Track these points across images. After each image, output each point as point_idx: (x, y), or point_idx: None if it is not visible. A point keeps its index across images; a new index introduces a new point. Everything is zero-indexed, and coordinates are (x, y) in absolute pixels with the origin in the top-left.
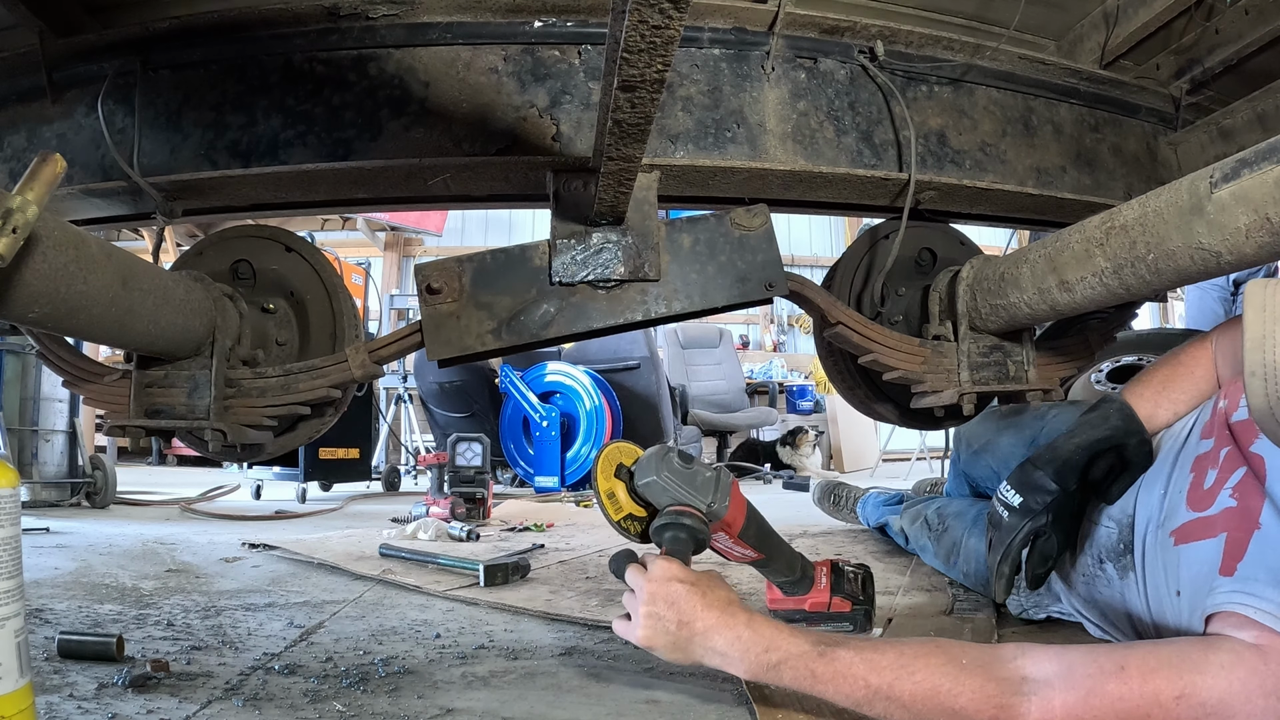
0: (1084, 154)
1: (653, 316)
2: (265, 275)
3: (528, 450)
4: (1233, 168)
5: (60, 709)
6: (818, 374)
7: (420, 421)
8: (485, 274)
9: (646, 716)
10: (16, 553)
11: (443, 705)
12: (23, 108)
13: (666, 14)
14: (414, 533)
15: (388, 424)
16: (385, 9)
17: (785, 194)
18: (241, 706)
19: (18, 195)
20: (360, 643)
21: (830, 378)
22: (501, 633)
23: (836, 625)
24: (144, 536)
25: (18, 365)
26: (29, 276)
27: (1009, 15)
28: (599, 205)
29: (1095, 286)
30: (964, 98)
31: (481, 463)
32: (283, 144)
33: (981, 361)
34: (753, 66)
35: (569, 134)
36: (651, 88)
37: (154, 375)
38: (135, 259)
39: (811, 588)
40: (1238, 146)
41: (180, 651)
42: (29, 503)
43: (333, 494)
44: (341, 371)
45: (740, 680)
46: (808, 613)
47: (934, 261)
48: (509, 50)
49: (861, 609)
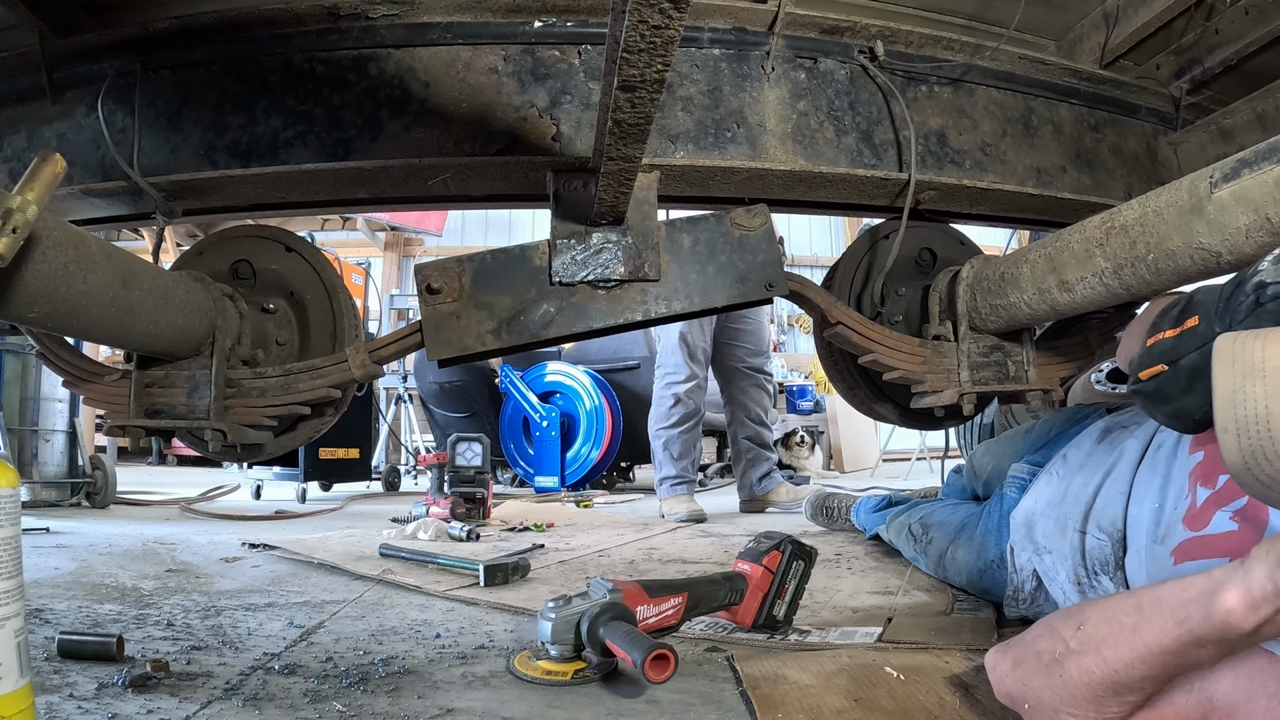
0: (1084, 154)
1: (653, 316)
2: (265, 275)
3: (528, 450)
4: (1233, 168)
5: (60, 709)
6: (818, 374)
7: (420, 421)
8: (485, 274)
9: (646, 716)
10: (16, 553)
11: (443, 705)
12: (23, 108)
13: (666, 14)
14: (414, 533)
15: (388, 424)
16: (385, 9)
17: (785, 194)
18: (241, 706)
19: (18, 195)
20: (360, 643)
21: (830, 378)
22: (501, 633)
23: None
24: (144, 536)
25: (18, 365)
26: (29, 276)
27: (1009, 15)
28: (599, 205)
29: (1095, 286)
30: (964, 98)
31: (481, 463)
32: (283, 144)
33: (981, 361)
34: (753, 66)
35: (569, 134)
36: (651, 88)
37: (154, 375)
38: (135, 259)
39: (745, 579)
40: (1238, 146)
41: (180, 651)
42: (29, 503)
43: (333, 494)
44: (341, 371)
45: (740, 680)
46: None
47: (934, 261)
48: (509, 50)
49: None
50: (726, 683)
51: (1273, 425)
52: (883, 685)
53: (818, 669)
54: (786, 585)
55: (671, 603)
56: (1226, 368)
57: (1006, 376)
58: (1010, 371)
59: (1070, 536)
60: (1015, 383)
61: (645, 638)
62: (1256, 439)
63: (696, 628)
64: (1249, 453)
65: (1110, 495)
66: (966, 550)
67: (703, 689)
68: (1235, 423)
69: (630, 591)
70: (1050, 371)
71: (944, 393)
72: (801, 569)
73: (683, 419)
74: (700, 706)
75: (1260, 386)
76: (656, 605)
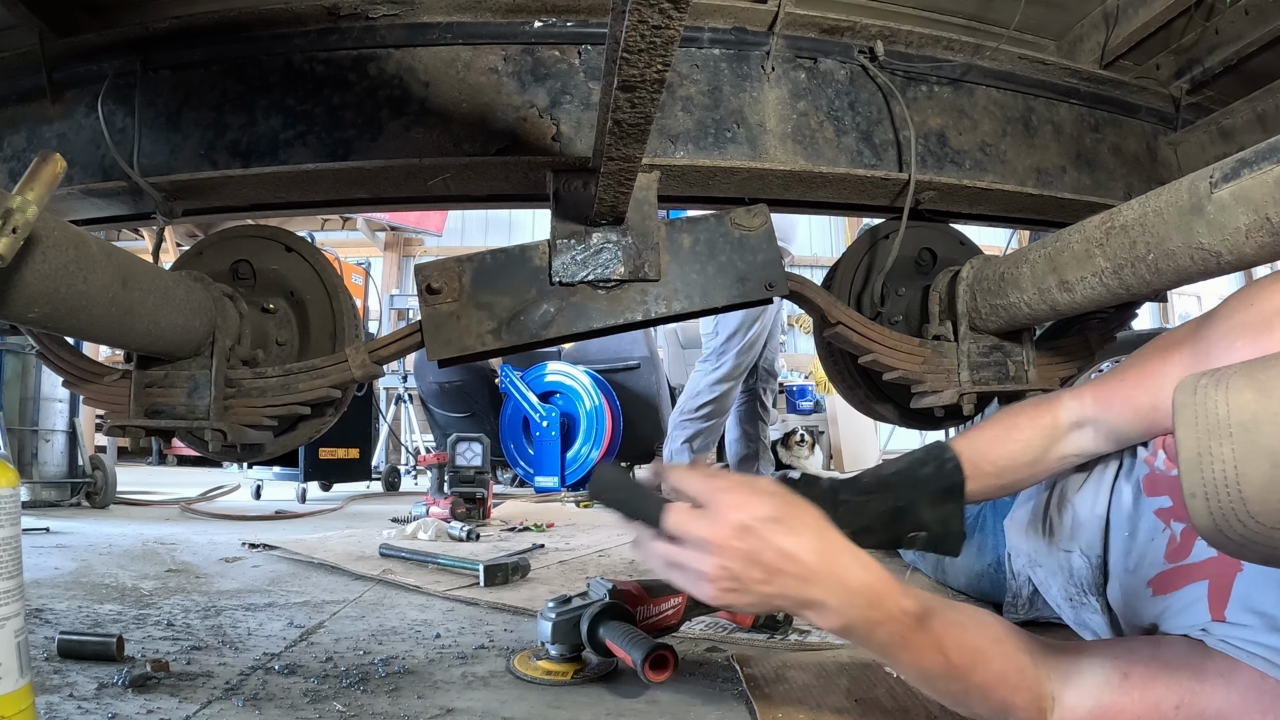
0: (1084, 154)
1: (653, 316)
2: (265, 275)
3: (528, 450)
4: (1233, 168)
5: (60, 709)
6: (818, 374)
7: (420, 421)
8: (485, 274)
9: (646, 716)
10: (16, 553)
11: (443, 705)
12: (23, 108)
13: (666, 14)
14: (414, 533)
15: (388, 424)
16: (385, 9)
17: (785, 194)
18: (241, 706)
19: (18, 195)
20: (360, 643)
21: (830, 378)
22: (501, 633)
23: None
24: (144, 536)
25: (18, 365)
26: (29, 276)
27: (1009, 15)
28: (599, 205)
29: (1095, 286)
30: (964, 98)
31: (481, 463)
32: (283, 144)
33: (981, 361)
34: (753, 66)
35: (569, 134)
36: (651, 88)
37: (154, 375)
38: (135, 259)
39: None
40: (1238, 146)
41: (180, 651)
42: (29, 503)
43: (333, 494)
44: (341, 371)
45: (740, 679)
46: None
47: (934, 261)
48: (509, 50)
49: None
50: (727, 683)
51: (1244, 486)
52: (883, 685)
53: (818, 669)
54: None
55: (672, 603)
56: (1189, 429)
57: (1006, 376)
58: (1010, 371)
59: (1057, 555)
60: (1015, 383)
61: (645, 638)
62: (1227, 501)
63: (696, 628)
64: (1220, 516)
65: (1088, 516)
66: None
67: (703, 689)
68: (1203, 487)
69: (630, 591)
70: (1050, 371)
71: (944, 393)
72: None
73: (713, 414)
74: (700, 706)
75: (1227, 447)
76: (657, 605)
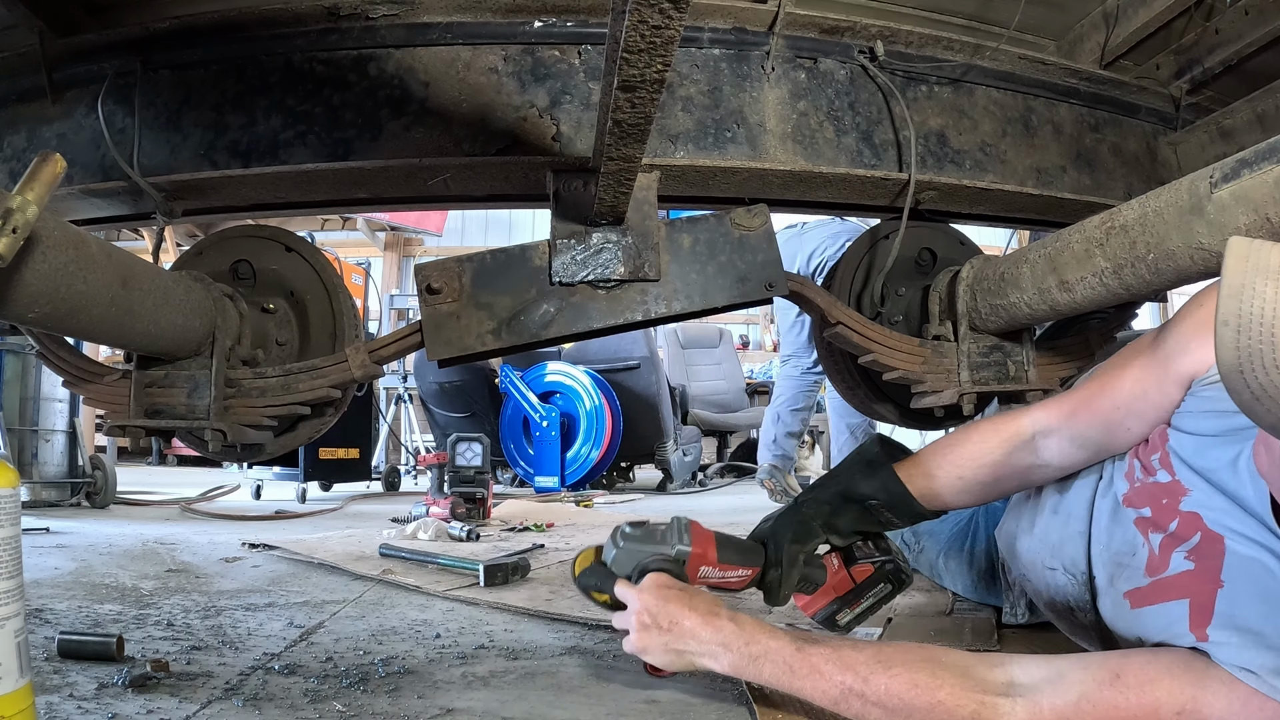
0: (1084, 154)
1: (653, 316)
2: (265, 275)
3: (528, 450)
4: (1233, 168)
5: (60, 709)
6: None
7: (420, 421)
8: (485, 274)
9: (646, 716)
10: (16, 553)
11: (443, 705)
12: (23, 108)
13: (666, 14)
14: (414, 533)
15: (388, 424)
16: (385, 9)
17: (785, 194)
18: (241, 706)
19: (18, 195)
20: (360, 643)
21: (830, 378)
22: (501, 633)
23: (876, 594)
24: (144, 536)
25: (18, 365)
26: (29, 276)
27: (1009, 15)
28: (599, 205)
29: (1095, 286)
30: (964, 98)
31: (481, 463)
32: (283, 144)
33: (981, 361)
34: (753, 66)
35: (569, 134)
36: (651, 88)
37: (154, 375)
38: (135, 259)
39: (826, 572)
40: (1238, 146)
41: (180, 651)
42: (29, 503)
43: (333, 494)
44: (341, 371)
45: (741, 680)
46: (840, 598)
47: (934, 261)
48: (509, 50)
49: (886, 565)
50: (726, 682)
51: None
52: None
53: None
54: (863, 600)
55: (738, 573)
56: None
57: (1006, 376)
58: (1010, 371)
59: (1043, 573)
60: (1015, 383)
61: None
62: (1257, 340)
63: None
64: (1245, 353)
65: (1069, 533)
66: (958, 561)
67: (703, 689)
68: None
69: (698, 551)
70: (1050, 371)
71: (944, 393)
72: (887, 592)
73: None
74: (700, 706)
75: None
76: (721, 570)
